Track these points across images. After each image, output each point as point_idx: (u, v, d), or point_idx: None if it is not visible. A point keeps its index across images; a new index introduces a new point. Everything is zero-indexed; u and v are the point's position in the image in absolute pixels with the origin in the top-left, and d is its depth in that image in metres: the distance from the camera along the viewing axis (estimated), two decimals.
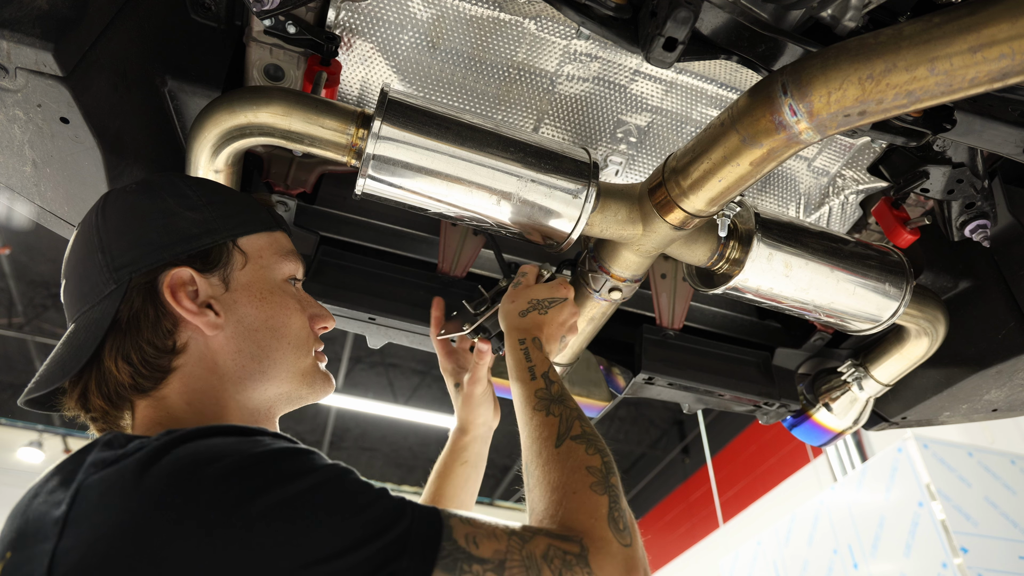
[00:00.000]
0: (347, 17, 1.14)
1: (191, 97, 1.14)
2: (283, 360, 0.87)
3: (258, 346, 0.84)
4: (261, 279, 0.88)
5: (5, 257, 6.46)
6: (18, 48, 0.86)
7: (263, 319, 0.86)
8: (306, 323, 0.91)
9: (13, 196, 1.15)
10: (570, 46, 1.21)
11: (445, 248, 1.42)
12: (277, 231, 0.94)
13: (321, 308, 0.97)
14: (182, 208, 0.84)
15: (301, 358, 0.89)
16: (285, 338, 0.87)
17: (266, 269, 0.89)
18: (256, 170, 1.29)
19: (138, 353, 0.78)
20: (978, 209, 1.30)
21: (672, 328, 1.54)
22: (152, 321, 0.79)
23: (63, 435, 9.39)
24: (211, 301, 0.82)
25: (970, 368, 1.45)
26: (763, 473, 7.58)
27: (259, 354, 0.84)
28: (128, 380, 0.78)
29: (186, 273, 0.81)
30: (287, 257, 0.92)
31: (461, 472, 1.21)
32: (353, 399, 7.77)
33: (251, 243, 0.88)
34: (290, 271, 0.92)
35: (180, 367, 0.80)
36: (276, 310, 0.87)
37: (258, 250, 0.89)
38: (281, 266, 0.91)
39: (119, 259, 0.80)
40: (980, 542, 3.35)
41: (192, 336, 0.81)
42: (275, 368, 0.86)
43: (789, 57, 0.96)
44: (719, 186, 1.00)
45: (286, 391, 0.89)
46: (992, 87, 0.77)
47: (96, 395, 0.79)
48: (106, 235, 0.81)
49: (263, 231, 0.91)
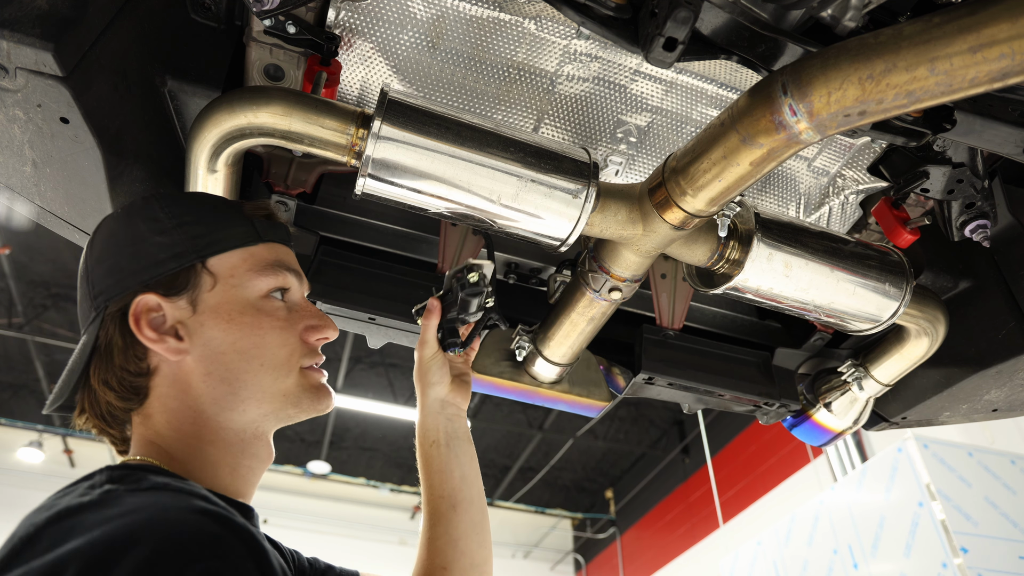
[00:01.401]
0: (347, 17, 1.14)
1: (191, 97, 1.14)
2: (256, 382, 0.84)
3: (227, 368, 0.82)
4: (231, 299, 0.85)
5: (5, 257, 6.46)
6: (18, 48, 0.86)
7: (231, 341, 0.83)
8: (288, 340, 0.87)
9: (13, 196, 1.15)
10: (570, 46, 1.21)
11: (445, 248, 1.42)
12: (257, 245, 0.89)
13: (319, 318, 0.92)
14: (152, 233, 0.85)
15: (279, 379, 0.85)
16: (257, 359, 0.84)
17: (237, 288, 0.86)
18: (256, 170, 1.29)
19: (116, 377, 0.82)
20: (978, 209, 1.30)
21: (672, 328, 1.54)
22: (122, 348, 0.82)
23: (63, 435, 9.39)
24: (178, 326, 0.83)
25: (970, 368, 1.45)
26: (763, 473, 7.58)
27: (228, 376, 0.82)
28: (116, 402, 0.82)
29: (152, 300, 0.82)
30: (264, 271, 0.88)
31: (436, 455, 1.12)
32: (353, 399, 7.78)
33: (222, 263, 0.86)
34: (269, 285, 0.88)
35: (156, 387, 0.83)
36: (246, 331, 0.84)
37: (229, 269, 0.86)
38: (256, 282, 0.87)
39: (97, 287, 0.84)
40: (980, 542, 3.35)
41: (163, 359, 0.82)
42: (248, 390, 0.83)
43: (789, 57, 0.96)
44: (719, 186, 1.00)
45: (267, 411, 0.86)
46: (992, 87, 0.77)
47: (91, 414, 0.85)
48: (91, 263, 0.86)
49: (237, 248, 0.87)
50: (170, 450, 0.80)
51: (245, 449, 0.85)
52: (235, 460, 0.84)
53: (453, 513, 1.09)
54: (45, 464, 9.22)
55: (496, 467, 10.41)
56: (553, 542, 11.83)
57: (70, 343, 7.60)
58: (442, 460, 1.12)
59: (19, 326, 7.31)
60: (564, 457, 9.84)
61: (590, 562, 11.62)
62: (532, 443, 9.46)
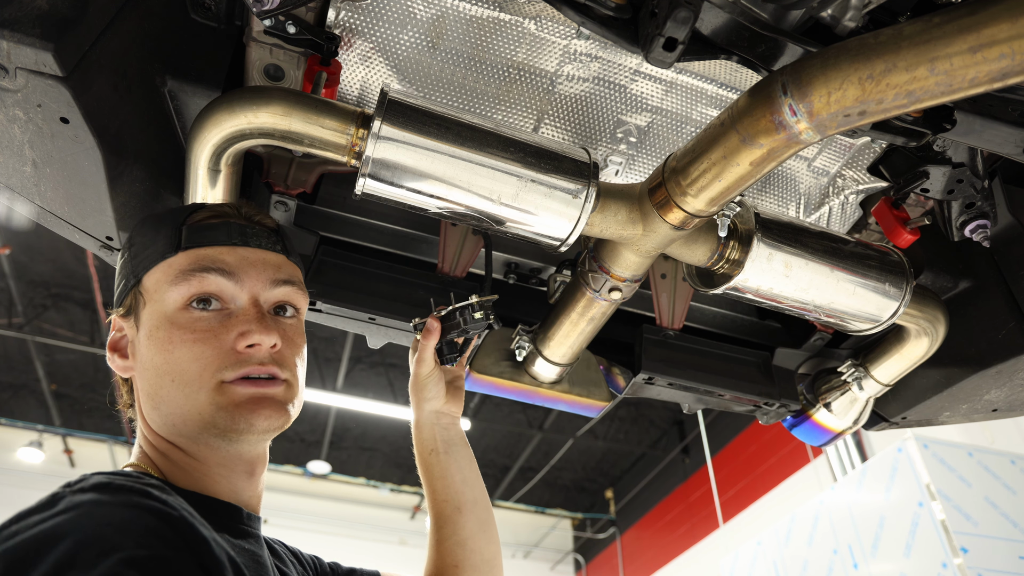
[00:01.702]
0: (347, 17, 1.14)
1: (191, 97, 1.14)
2: (171, 400, 0.80)
3: (151, 385, 0.83)
4: (154, 315, 0.84)
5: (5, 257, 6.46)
6: (18, 48, 0.86)
7: (149, 358, 0.82)
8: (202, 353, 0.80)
9: (13, 196, 1.15)
10: (570, 46, 1.21)
11: (445, 248, 1.42)
12: (176, 255, 0.85)
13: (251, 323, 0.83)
14: (124, 257, 0.92)
15: (191, 396, 0.79)
16: (167, 375, 0.80)
17: (159, 303, 0.84)
18: (256, 170, 1.29)
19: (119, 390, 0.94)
20: (978, 209, 1.30)
21: (672, 328, 1.54)
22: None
23: (63, 435, 9.39)
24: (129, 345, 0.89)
25: (970, 368, 1.45)
26: (763, 473, 7.58)
27: (152, 393, 0.83)
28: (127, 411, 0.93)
29: (117, 321, 0.91)
30: (177, 280, 0.83)
31: (437, 463, 1.16)
32: (353, 399, 7.78)
33: (150, 279, 0.86)
34: (181, 295, 0.82)
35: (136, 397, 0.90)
36: (158, 347, 0.81)
37: (154, 285, 0.85)
38: (169, 294, 0.83)
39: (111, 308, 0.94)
40: (980, 542, 3.35)
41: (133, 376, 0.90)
42: (167, 406, 0.81)
43: (789, 57, 0.96)
44: (719, 186, 1.00)
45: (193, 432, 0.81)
46: (992, 87, 0.77)
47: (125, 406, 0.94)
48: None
49: (158, 262, 0.85)
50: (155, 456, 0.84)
51: (209, 459, 0.83)
52: (206, 468, 0.83)
53: (459, 515, 1.12)
54: (45, 464, 9.22)
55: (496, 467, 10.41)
56: (553, 542, 11.83)
57: (70, 343, 7.60)
58: (442, 467, 1.16)
59: (19, 326, 7.31)
60: (564, 457, 9.84)
61: (590, 562, 11.62)
62: (532, 443, 9.46)
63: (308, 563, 1.00)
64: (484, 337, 1.43)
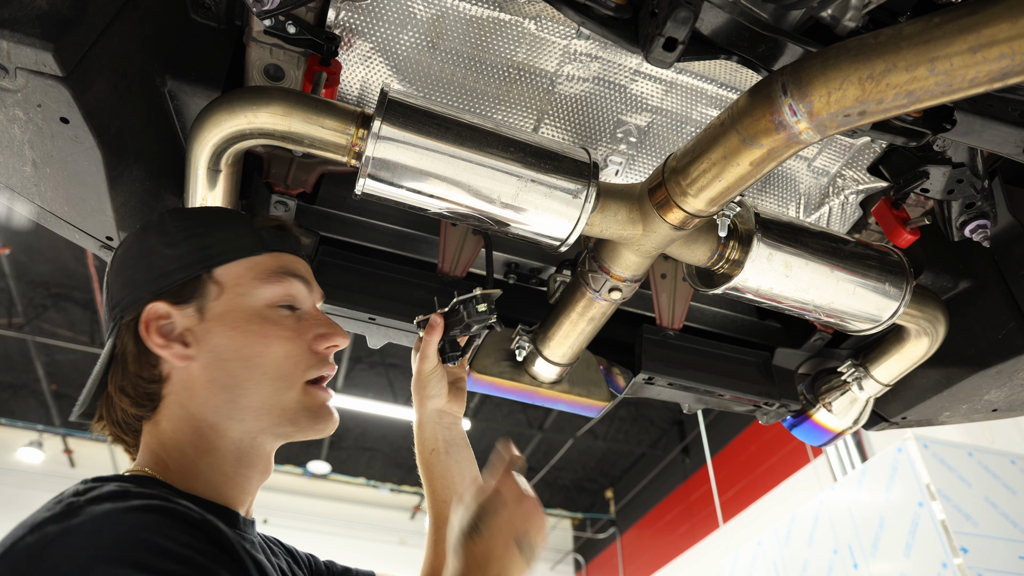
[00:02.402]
0: (347, 17, 1.14)
1: (191, 97, 1.14)
2: (257, 391, 0.84)
3: (229, 375, 0.83)
4: (237, 308, 0.86)
5: (5, 257, 6.46)
6: (18, 48, 0.86)
7: (235, 348, 0.84)
8: (293, 352, 0.86)
9: (13, 196, 1.15)
10: (570, 46, 1.21)
11: (445, 248, 1.42)
12: (262, 255, 0.90)
13: (329, 326, 0.92)
14: (162, 246, 0.88)
15: (281, 391, 0.85)
16: (259, 368, 0.84)
17: (243, 297, 0.86)
18: (256, 170, 1.29)
19: (132, 385, 0.85)
20: (978, 209, 1.30)
21: (672, 328, 1.54)
22: (136, 356, 0.85)
23: (63, 435, 9.39)
24: (185, 333, 0.85)
25: (970, 368, 1.45)
26: (763, 473, 7.58)
27: (230, 384, 0.83)
28: (131, 409, 0.85)
29: (161, 307, 0.85)
30: (270, 280, 0.88)
31: (438, 463, 1.17)
32: (353, 399, 7.78)
33: (227, 272, 0.87)
34: (274, 294, 0.88)
35: (168, 395, 0.85)
36: (251, 339, 0.84)
37: (235, 278, 0.87)
38: (261, 291, 0.87)
39: (114, 299, 0.88)
40: (980, 542, 3.35)
41: (173, 367, 0.85)
42: (247, 399, 0.83)
43: (789, 57, 0.96)
44: (719, 186, 1.00)
45: (263, 426, 0.85)
46: (992, 87, 0.77)
47: (108, 422, 0.88)
48: (110, 277, 0.90)
49: (242, 258, 0.89)
50: (168, 460, 0.82)
51: (241, 459, 0.85)
52: (231, 469, 0.84)
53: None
54: (45, 464, 9.22)
55: None
56: (553, 542, 11.82)
57: (70, 343, 7.61)
58: (443, 466, 1.17)
59: (19, 326, 7.31)
60: (564, 457, 9.83)
61: (590, 562, 11.62)
62: (532, 443, 9.46)
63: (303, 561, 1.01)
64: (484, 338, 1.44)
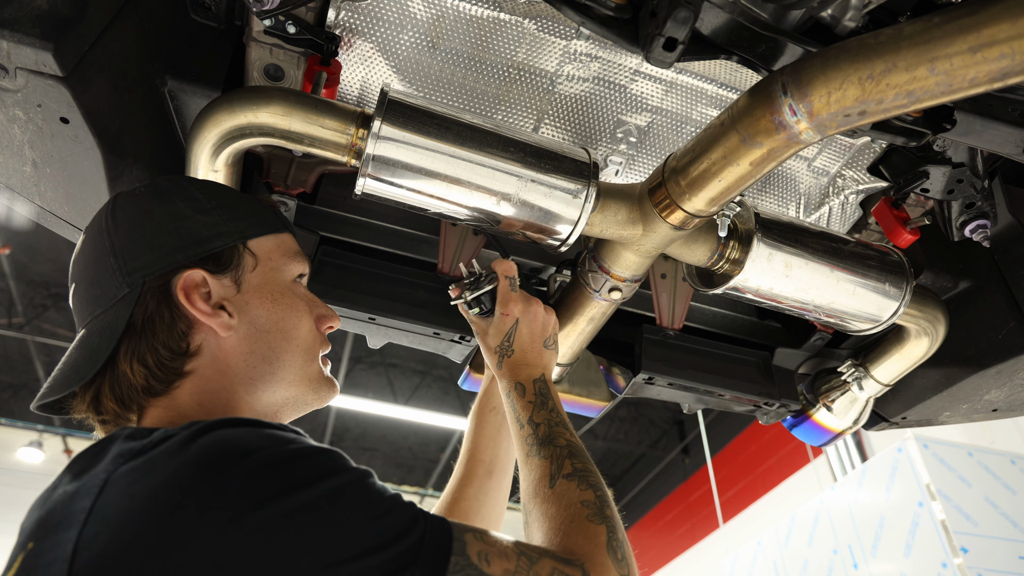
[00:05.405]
0: (347, 17, 1.14)
1: (191, 97, 1.14)
2: (292, 363, 0.88)
3: (269, 347, 0.86)
4: (271, 281, 0.89)
5: (5, 257, 6.46)
6: (18, 48, 0.86)
7: (275, 320, 0.87)
8: (314, 326, 0.92)
9: (13, 196, 1.15)
10: (570, 46, 1.21)
11: (445, 248, 1.42)
12: (283, 233, 0.95)
13: (327, 308, 0.97)
14: (192, 211, 0.85)
15: (308, 363, 0.90)
16: (294, 340, 0.88)
17: (276, 271, 0.90)
18: (256, 170, 1.29)
19: (154, 356, 0.79)
20: (978, 209, 1.30)
21: (672, 328, 1.54)
22: (167, 323, 0.80)
23: (63, 435, 9.40)
24: (224, 302, 0.83)
25: (970, 368, 1.45)
26: (763, 473, 7.58)
27: (270, 355, 0.85)
28: (142, 383, 0.79)
29: (199, 275, 0.82)
30: (294, 258, 0.93)
31: (492, 421, 1.23)
32: (353, 399, 7.78)
33: (260, 245, 0.90)
34: (297, 271, 0.93)
35: (194, 370, 0.81)
36: (287, 312, 0.88)
37: (267, 252, 0.90)
38: (289, 267, 0.92)
39: (132, 263, 0.81)
40: (980, 542, 3.35)
41: (206, 338, 0.82)
42: (284, 370, 0.87)
43: (789, 57, 0.96)
44: (719, 186, 1.00)
45: (293, 395, 0.89)
46: (992, 87, 0.77)
47: (109, 398, 0.80)
48: (118, 239, 0.82)
49: (271, 233, 0.92)
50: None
51: None
52: None
53: (488, 479, 1.19)
54: (45, 464, 9.22)
55: None
56: None
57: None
58: (494, 427, 1.23)
59: (19, 326, 7.31)
60: None
61: None
62: None
63: None
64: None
